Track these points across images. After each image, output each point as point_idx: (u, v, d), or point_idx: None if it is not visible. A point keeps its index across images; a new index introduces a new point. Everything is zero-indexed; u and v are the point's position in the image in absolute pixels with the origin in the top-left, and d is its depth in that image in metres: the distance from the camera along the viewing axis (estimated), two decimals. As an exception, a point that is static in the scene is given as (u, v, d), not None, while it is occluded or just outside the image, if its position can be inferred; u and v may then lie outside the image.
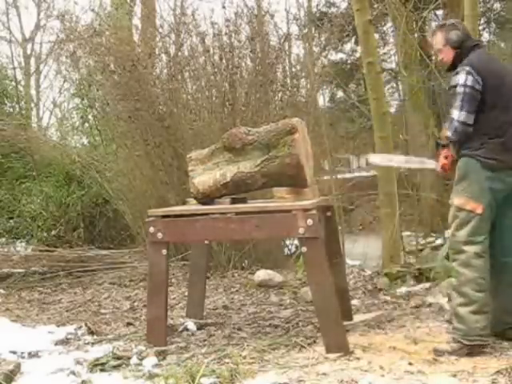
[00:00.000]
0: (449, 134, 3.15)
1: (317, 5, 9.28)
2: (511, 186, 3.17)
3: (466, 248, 3.08)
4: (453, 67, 3.27)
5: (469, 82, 3.07)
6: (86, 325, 4.06)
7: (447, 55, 3.32)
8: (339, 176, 6.77)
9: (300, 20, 7.54)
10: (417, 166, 3.64)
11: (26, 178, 8.52)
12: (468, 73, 3.08)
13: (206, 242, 4.21)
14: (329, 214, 3.93)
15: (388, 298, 4.57)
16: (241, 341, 3.56)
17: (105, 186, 7.18)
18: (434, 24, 7.80)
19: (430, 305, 4.18)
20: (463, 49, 3.24)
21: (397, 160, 3.82)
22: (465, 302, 3.06)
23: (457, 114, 3.09)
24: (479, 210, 3.07)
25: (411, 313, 4.07)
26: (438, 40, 3.34)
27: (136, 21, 7.97)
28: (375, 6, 6.30)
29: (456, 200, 3.15)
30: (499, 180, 3.11)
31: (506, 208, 3.18)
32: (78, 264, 6.45)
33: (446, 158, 3.27)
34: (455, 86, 3.11)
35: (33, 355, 3.47)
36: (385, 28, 9.82)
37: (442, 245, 5.65)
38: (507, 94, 3.16)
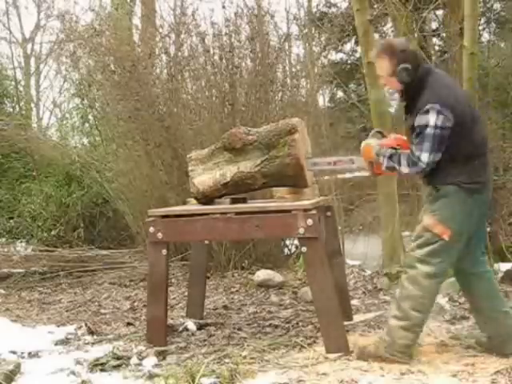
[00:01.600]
0: (405, 170, 3.00)
1: (317, 5, 9.28)
2: (484, 209, 3.08)
3: (418, 265, 2.99)
4: (407, 95, 3.07)
5: (439, 123, 2.87)
6: (86, 325, 4.06)
7: (392, 85, 3.11)
8: (339, 176, 6.76)
9: (300, 20, 7.54)
10: (346, 166, 3.39)
11: (26, 177, 8.53)
12: (439, 112, 2.87)
13: (206, 242, 4.22)
14: (329, 213, 3.94)
15: (388, 297, 4.57)
16: (241, 341, 3.57)
17: (105, 186, 7.19)
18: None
19: (430, 305, 4.17)
20: (415, 81, 3.00)
21: (322, 162, 3.51)
22: (399, 316, 3.00)
23: (425, 157, 2.91)
24: (446, 237, 2.95)
25: (411, 313, 4.07)
26: (382, 66, 3.07)
27: (136, 21, 7.98)
28: (375, 6, 6.28)
29: (426, 219, 3.02)
30: (475, 203, 2.99)
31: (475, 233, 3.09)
32: (78, 264, 6.45)
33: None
34: (425, 126, 2.89)
35: (33, 355, 3.47)
36: (385, 28, 9.82)
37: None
38: (470, 115, 3.00)
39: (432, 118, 2.88)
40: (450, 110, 2.89)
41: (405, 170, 3.02)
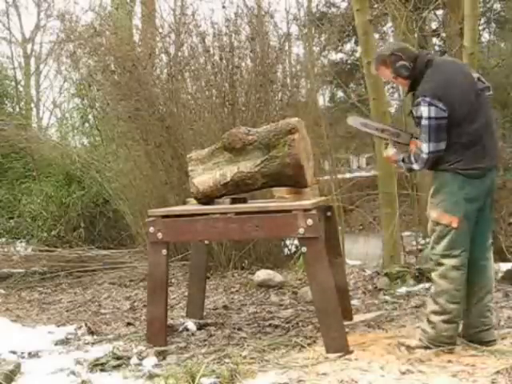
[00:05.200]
0: (416, 166, 3.17)
1: (317, 5, 9.29)
2: (484, 193, 3.15)
3: (443, 261, 3.12)
4: (412, 89, 3.20)
5: (432, 114, 3.02)
6: (86, 325, 4.06)
7: (403, 84, 3.31)
8: (339, 176, 6.75)
9: (300, 20, 7.54)
10: (390, 137, 3.42)
11: (26, 177, 8.55)
12: (430, 104, 3.02)
13: (206, 242, 4.22)
14: (329, 213, 3.94)
15: (388, 297, 4.58)
16: (241, 341, 3.56)
17: (105, 186, 7.19)
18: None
19: (430, 305, 4.17)
20: (416, 73, 3.16)
21: (372, 126, 3.56)
22: (438, 311, 3.12)
23: (425, 147, 3.06)
24: (455, 224, 3.08)
25: (411, 313, 4.07)
26: (386, 74, 3.30)
27: (136, 21, 7.99)
28: (375, 6, 6.29)
29: (432, 213, 3.17)
30: (473, 187, 3.08)
31: (479, 219, 3.17)
32: (78, 264, 6.45)
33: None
34: (420, 118, 3.05)
35: (33, 355, 3.47)
36: (385, 28, 9.83)
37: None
38: (468, 103, 3.08)
39: (425, 110, 3.04)
40: (441, 100, 3.02)
41: (416, 167, 3.19)
